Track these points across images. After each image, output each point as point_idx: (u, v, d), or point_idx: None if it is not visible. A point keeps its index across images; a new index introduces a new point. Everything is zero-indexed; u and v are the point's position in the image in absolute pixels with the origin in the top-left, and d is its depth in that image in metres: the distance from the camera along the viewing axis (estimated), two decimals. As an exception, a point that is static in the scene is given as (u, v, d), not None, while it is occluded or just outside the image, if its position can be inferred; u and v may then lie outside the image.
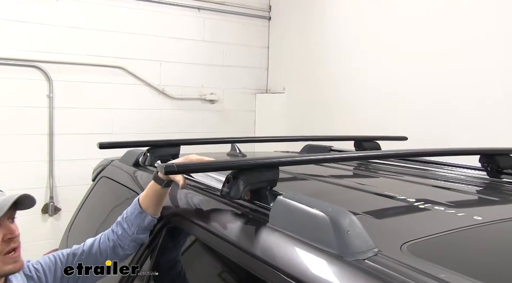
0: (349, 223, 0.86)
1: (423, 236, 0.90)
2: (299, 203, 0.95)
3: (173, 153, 1.75)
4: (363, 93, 3.49)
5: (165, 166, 1.02)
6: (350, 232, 0.84)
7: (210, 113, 4.23)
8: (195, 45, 4.11)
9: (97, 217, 1.98)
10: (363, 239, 0.84)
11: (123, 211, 1.74)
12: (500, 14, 2.63)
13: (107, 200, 1.97)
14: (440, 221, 1.02)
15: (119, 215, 1.71)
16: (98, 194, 2.11)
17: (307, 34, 4.08)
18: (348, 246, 0.82)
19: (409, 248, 0.84)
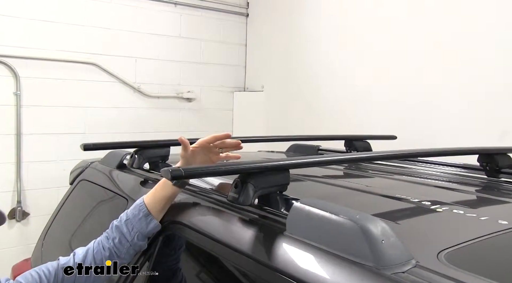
0: (381, 231, 0.79)
1: (457, 244, 0.84)
2: (321, 209, 0.87)
3: (163, 154, 1.64)
4: (344, 92, 3.46)
5: (171, 171, 0.92)
6: (384, 241, 0.77)
7: (187, 111, 4.11)
8: (171, 41, 3.98)
9: (77, 223, 1.84)
10: (399, 249, 0.77)
11: (107, 216, 1.63)
12: (485, 16, 2.64)
13: (88, 205, 1.84)
14: (466, 226, 0.97)
15: (104, 221, 1.61)
16: (77, 199, 1.97)
17: (286, 31, 4.02)
18: (385, 258, 0.75)
19: (447, 258, 0.78)
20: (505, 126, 2.54)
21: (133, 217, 1.15)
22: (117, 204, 1.55)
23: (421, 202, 1.14)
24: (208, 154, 1.21)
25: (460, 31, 2.74)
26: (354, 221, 0.80)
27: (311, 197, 0.95)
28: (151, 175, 1.59)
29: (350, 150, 2.17)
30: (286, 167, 1.07)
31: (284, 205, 1.04)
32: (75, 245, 1.52)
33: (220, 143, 1.22)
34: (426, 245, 0.86)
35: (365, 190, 1.34)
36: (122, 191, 1.56)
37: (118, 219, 1.17)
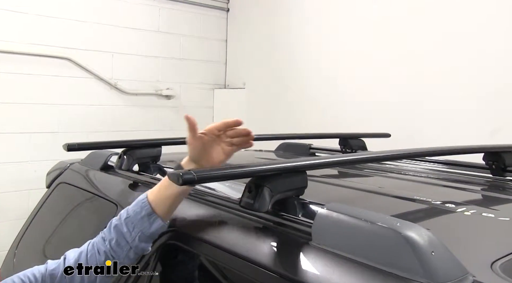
0: (429, 241, 0.69)
1: (509, 253, 0.75)
2: (353, 216, 0.78)
3: (154, 154, 1.51)
4: (330, 89, 3.38)
5: (181, 174, 0.81)
6: (434, 253, 0.68)
7: (166, 109, 3.95)
8: (150, 36, 3.81)
9: (57, 231, 1.69)
10: (452, 262, 0.68)
11: (93, 223, 1.49)
12: (476, 18, 2.62)
13: (70, 210, 1.69)
14: (506, 231, 0.89)
15: (89, 228, 1.47)
16: (56, 203, 1.82)
17: (268, 26, 3.92)
18: (438, 272, 0.66)
19: (503, 270, 0.70)
20: (495, 125, 2.52)
21: (134, 215, 0.99)
22: (105, 209, 1.41)
23: (444, 205, 1.06)
24: (219, 143, 1.03)
25: (452, 32, 2.71)
26: (396, 230, 0.71)
27: (334, 202, 0.85)
28: (141, 178, 1.46)
29: (345, 148, 2.09)
30: (306, 168, 0.97)
31: (302, 210, 0.94)
32: (55, 256, 1.38)
33: (231, 133, 1.03)
34: (474, 255, 0.78)
35: (378, 191, 1.26)
36: (110, 195, 1.43)
37: (117, 217, 1.01)
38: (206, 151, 1.02)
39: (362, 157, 1.09)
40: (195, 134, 1.01)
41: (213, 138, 1.02)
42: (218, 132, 1.03)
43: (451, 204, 1.06)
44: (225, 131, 1.03)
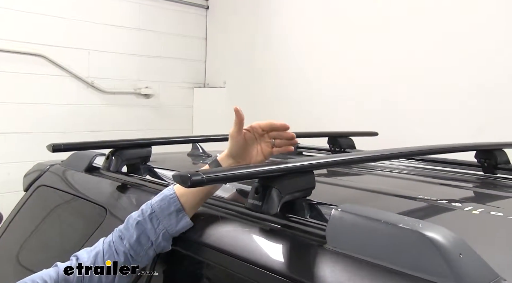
0: (455, 243, 0.66)
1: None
2: (371, 218, 0.74)
3: (144, 155, 1.44)
4: (310, 89, 3.37)
5: (190, 176, 0.75)
6: (462, 256, 0.65)
7: (145, 108, 3.86)
8: (128, 33, 3.71)
9: (39, 238, 1.60)
10: (481, 264, 0.65)
11: (81, 228, 1.41)
12: (461, 18, 2.64)
13: (52, 215, 1.60)
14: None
15: (77, 234, 1.39)
16: (36, 208, 1.72)
17: (249, 24, 3.87)
18: (468, 276, 0.63)
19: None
20: (479, 123, 2.55)
21: (160, 211, 0.93)
22: (93, 213, 1.34)
23: (451, 204, 1.04)
24: (260, 143, 1.00)
25: (437, 33, 2.73)
26: (420, 231, 0.68)
27: (348, 203, 0.82)
28: (131, 179, 1.39)
29: (334, 147, 2.06)
30: (319, 167, 0.93)
31: (312, 212, 0.90)
32: (38, 266, 1.30)
33: (276, 134, 1.00)
34: (500, 257, 0.75)
35: (379, 191, 1.23)
36: (98, 198, 1.35)
37: (138, 213, 0.94)
38: (246, 149, 0.99)
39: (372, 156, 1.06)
40: (241, 128, 0.98)
41: (255, 137, 1.00)
42: (262, 131, 1.00)
43: (457, 203, 1.05)
44: (268, 132, 1.01)
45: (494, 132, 2.44)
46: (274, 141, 1.01)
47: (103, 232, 1.24)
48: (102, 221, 1.27)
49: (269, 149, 1.01)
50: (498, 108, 2.51)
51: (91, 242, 1.24)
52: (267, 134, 1.01)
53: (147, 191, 1.29)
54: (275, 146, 1.01)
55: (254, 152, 1.00)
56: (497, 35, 2.49)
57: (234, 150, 0.99)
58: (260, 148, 1.00)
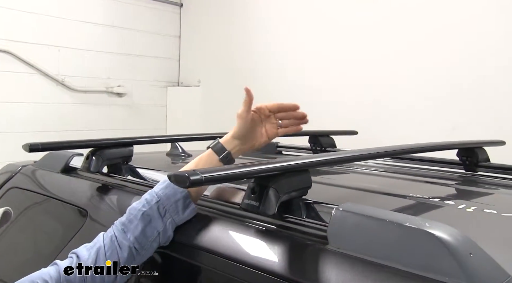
0: (465, 242, 0.65)
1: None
2: (376, 217, 0.72)
3: (126, 154, 1.38)
4: (289, 88, 3.35)
5: (188, 176, 0.71)
6: (473, 255, 0.64)
7: (117, 107, 3.76)
8: (100, 30, 3.60)
9: (11, 244, 1.51)
10: (491, 263, 0.64)
11: (60, 232, 1.34)
12: (433, 20, 2.68)
13: (26, 219, 1.51)
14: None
15: (56, 239, 1.32)
16: (7, 211, 1.63)
17: (223, 22, 3.83)
18: (479, 275, 0.62)
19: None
20: (454, 122, 2.59)
21: (166, 199, 0.87)
22: (72, 216, 1.28)
23: (444, 202, 1.04)
24: (265, 125, 1.00)
25: (414, 34, 2.76)
26: (428, 231, 0.66)
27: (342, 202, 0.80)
28: (112, 180, 1.33)
29: (315, 146, 2.05)
30: (314, 165, 0.90)
31: (310, 212, 0.88)
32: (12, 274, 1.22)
33: (284, 115, 1.01)
34: (506, 255, 0.74)
35: (368, 189, 1.22)
36: (78, 201, 1.29)
37: (142, 203, 0.89)
38: (251, 130, 0.98)
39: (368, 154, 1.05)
40: (250, 108, 0.97)
41: (260, 118, 1.00)
42: (269, 112, 1.00)
43: (450, 201, 1.04)
44: (275, 113, 1.00)
45: (468, 131, 2.50)
46: (280, 122, 1.01)
47: (84, 235, 1.18)
48: (83, 224, 1.21)
49: (275, 131, 1.01)
50: (470, 108, 2.56)
51: (72, 246, 1.18)
52: (273, 115, 1.01)
53: (130, 192, 1.24)
54: (281, 127, 1.01)
55: (258, 133, 1.00)
56: (471, 37, 2.54)
57: (240, 131, 0.98)
58: (265, 129, 1.00)
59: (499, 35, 2.44)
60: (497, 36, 2.45)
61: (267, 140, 1.01)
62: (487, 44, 2.48)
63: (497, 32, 2.45)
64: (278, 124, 1.01)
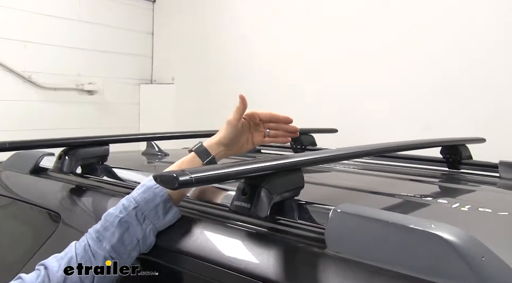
0: (476, 245, 0.62)
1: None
2: (377, 219, 0.68)
3: (101, 154, 1.30)
4: (264, 85, 3.30)
5: (177, 176, 0.65)
6: (485, 259, 0.60)
7: (88, 105, 3.62)
8: (69, 25, 3.46)
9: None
10: (504, 267, 0.61)
11: (31, 239, 1.25)
12: (410, 20, 2.69)
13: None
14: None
15: (26, 246, 1.22)
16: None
17: (198, 18, 3.75)
18: (492, 279, 0.58)
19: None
20: (431, 120, 2.60)
21: (145, 204, 0.82)
22: (43, 220, 1.19)
23: (437, 201, 1.01)
24: (252, 132, 0.98)
25: (387, 33, 2.76)
26: (435, 233, 0.62)
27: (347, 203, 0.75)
28: (87, 181, 1.25)
29: (295, 145, 2.02)
30: (309, 163, 0.86)
31: (304, 214, 0.83)
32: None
33: (275, 125, 0.99)
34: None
35: (358, 189, 1.18)
36: (50, 204, 1.20)
37: (119, 209, 0.82)
38: (238, 136, 0.96)
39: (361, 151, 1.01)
40: (241, 117, 0.96)
41: (249, 125, 0.98)
42: (258, 120, 0.98)
43: (443, 200, 1.02)
44: (265, 122, 0.99)
45: (444, 129, 2.51)
46: (269, 131, 0.99)
47: (57, 241, 1.10)
48: (55, 229, 1.13)
49: (261, 138, 0.99)
50: (443, 107, 2.57)
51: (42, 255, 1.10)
52: (262, 123, 0.99)
53: (107, 194, 1.16)
54: (268, 137, 0.99)
55: (244, 140, 0.98)
56: (444, 36, 2.56)
57: (228, 137, 0.95)
58: (251, 136, 0.99)
59: (472, 34, 2.46)
60: (470, 35, 2.47)
61: (251, 147, 1.00)
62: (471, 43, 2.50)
63: (470, 32, 2.47)
64: (266, 133, 1.00)
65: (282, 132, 1.00)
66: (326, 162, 0.98)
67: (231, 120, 0.95)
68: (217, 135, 0.96)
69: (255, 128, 0.99)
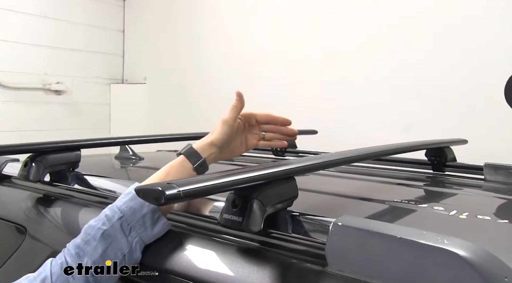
0: (497, 264, 0.56)
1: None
2: (382, 233, 0.62)
3: (72, 160, 1.20)
4: (242, 87, 3.20)
5: (162, 190, 0.57)
6: (508, 279, 0.55)
7: (56, 106, 3.46)
8: (34, 21, 3.29)
9: None
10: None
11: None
12: (384, 19, 2.67)
13: None
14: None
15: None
16: None
17: (170, 16, 3.64)
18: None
19: None
20: (411, 120, 2.59)
21: (131, 214, 0.73)
22: (7, 233, 1.08)
23: (433, 208, 0.96)
24: (246, 134, 0.93)
25: (366, 34, 2.73)
26: (450, 249, 0.57)
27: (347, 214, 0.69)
28: (56, 190, 1.15)
29: (275, 147, 1.96)
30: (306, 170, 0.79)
31: (300, 227, 0.76)
32: None
33: (272, 127, 0.94)
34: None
35: (349, 195, 1.12)
36: (14, 215, 1.09)
37: (101, 220, 0.74)
38: (233, 138, 0.90)
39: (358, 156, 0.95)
40: (237, 115, 0.90)
41: (244, 126, 0.93)
42: (255, 122, 0.94)
43: (440, 207, 0.97)
44: (260, 124, 0.94)
45: (420, 130, 2.50)
46: (264, 134, 0.94)
47: (23, 257, 1.00)
48: (21, 243, 1.03)
49: (255, 141, 0.94)
50: (421, 108, 2.57)
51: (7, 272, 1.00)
52: (258, 125, 0.94)
53: (79, 204, 1.07)
54: (263, 140, 0.94)
55: (238, 142, 0.92)
56: (423, 36, 2.55)
57: (222, 138, 0.87)
58: (245, 139, 0.93)
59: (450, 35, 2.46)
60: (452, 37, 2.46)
61: (244, 151, 0.94)
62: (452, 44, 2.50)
63: (449, 32, 2.47)
64: (261, 136, 0.94)
65: (278, 135, 0.95)
66: (324, 168, 0.92)
67: (227, 119, 0.88)
68: (210, 135, 0.88)
69: (249, 130, 0.94)
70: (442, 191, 1.29)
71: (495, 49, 2.32)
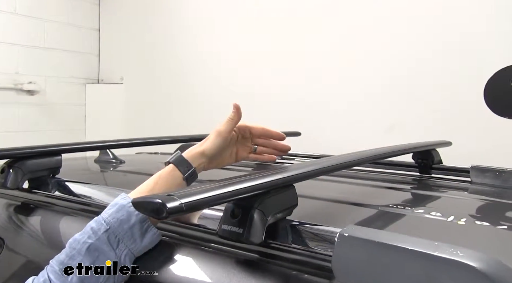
0: (510, 275, 0.55)
1: None
2: (392, 244, 0.59)
3: (53, 166, 1.14)
4: (221, 89, 3.17)
5: (163, 202, 0.53)
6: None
7: (28, 107, 3.33)
8: (5, 18, 3.16)
9: None
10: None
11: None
12: (362, 20, 2.67)
13: None
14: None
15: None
16: None
17: (148, 15, 3.57)
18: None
19: None
20: (393, 122, 2.60)
21: (119, 225, 0.69)
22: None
23: (431, 214, 0.95)
24: (238, 146, 0.92)
25: (345, 34, 2.73)
26: (466, 262, 0.55)
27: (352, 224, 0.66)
28: (36, 197, 1.09)
29: (260, 149, 1.93)
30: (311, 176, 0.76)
31: (301, 237, 0.73)
32: None
33: (264, 141, 0.94)
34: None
35: (343, 200, 1.10)
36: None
37: (87, 233, 0.69)
38: (224, 149, 0.88)
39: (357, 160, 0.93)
40: (233, 128, 0.88)
41: (237, 138, 0.92)
42: (249, 135, 0.93)
43: (436, 212, 0.95)
44: (254, 137, 0.93)
45: (402, 132, 2.52)
46: (256, 147, 0.93)
47: (0, 271, 0.94)
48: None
49: (245, 154, 0.92)
50: (405, 109, 2.58)
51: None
52: (251, 138, 0.93)
53: (60, 212, 1.02)
54: (254, 153, 0.93)
55: (228, 153, 0.91)
56: (408, 37, 2.56)
57: (213, 148, 0.85)
58: (236, 151, 0.92)
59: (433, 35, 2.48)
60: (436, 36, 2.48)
61: (233, 162, 0.92)
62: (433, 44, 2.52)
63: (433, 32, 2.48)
64: (252, 149, 0.93)
65: (270, 149, 0.94)
66: (324, 174, 0.89)
67: (221, 131, 0.85)
68: (202, 144, 0.85)
69: (242, 142, 0.93)
70: (435, 195, 1.28)
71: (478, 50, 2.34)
